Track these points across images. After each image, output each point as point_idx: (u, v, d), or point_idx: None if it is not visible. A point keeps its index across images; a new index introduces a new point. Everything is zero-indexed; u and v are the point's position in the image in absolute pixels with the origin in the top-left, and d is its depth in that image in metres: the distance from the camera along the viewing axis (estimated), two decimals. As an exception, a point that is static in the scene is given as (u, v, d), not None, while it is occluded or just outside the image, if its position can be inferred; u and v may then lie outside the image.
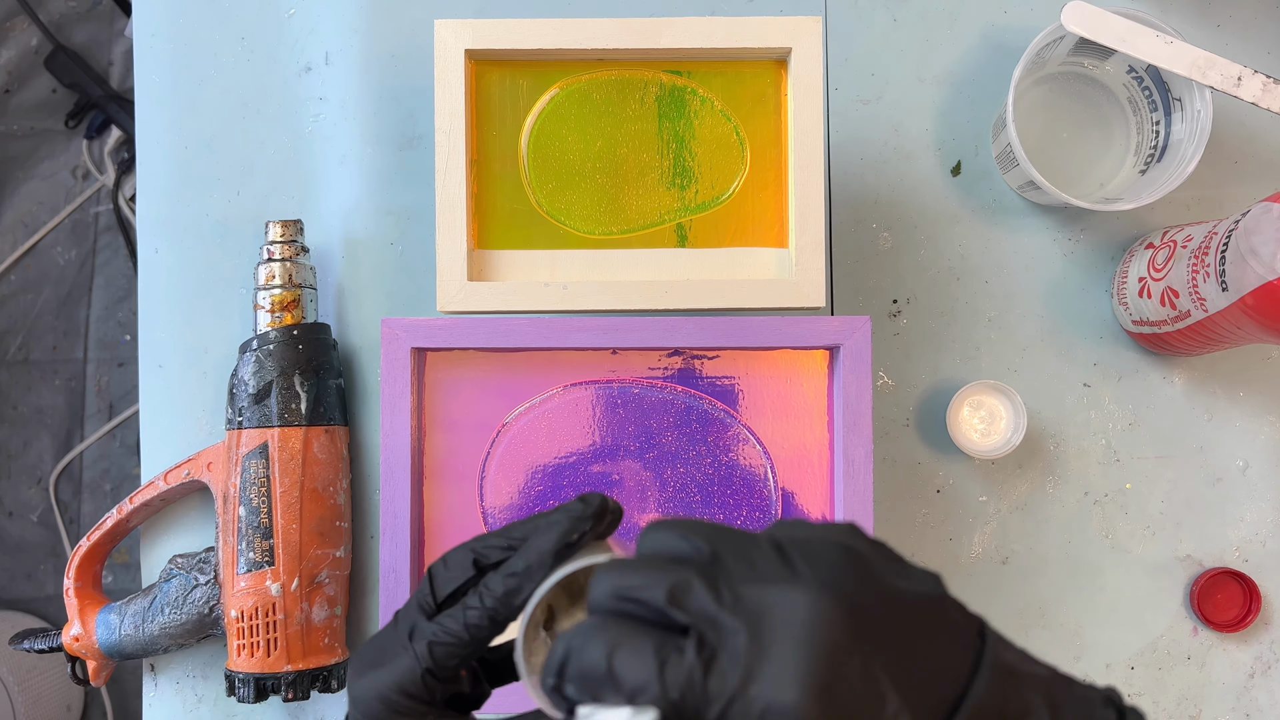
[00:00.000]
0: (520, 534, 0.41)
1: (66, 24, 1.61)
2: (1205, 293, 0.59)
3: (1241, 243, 0.55)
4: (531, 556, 0.40)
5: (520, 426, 0.61)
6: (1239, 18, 0.72)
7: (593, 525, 0.40)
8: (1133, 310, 0.68)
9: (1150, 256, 0.66)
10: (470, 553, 0.42)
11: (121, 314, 1.59)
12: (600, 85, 0.61)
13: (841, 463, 0.59)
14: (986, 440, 0.68)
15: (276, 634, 0.64)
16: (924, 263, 0.72)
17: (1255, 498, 0.71)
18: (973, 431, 0.68)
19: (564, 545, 0.40)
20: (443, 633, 0.40)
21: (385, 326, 0.59)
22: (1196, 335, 0.63)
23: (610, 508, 0.41)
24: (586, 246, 0.61)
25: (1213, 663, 0.70)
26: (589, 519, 0.40)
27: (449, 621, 0.40)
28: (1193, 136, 0.65)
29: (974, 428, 0.68)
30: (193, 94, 0.73)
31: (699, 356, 0.61)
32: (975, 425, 0.68)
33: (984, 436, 0.68)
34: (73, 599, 0.68)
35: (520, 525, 0.42)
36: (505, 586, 0.40)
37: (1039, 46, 0.65)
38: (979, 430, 0.68)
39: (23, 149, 1.61)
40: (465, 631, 0.40)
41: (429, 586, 0.42)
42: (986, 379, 0.69)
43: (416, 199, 0.72)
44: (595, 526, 0.40)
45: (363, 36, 0.72)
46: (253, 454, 0.65)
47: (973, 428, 0.68)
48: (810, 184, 0.60)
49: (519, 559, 0.40)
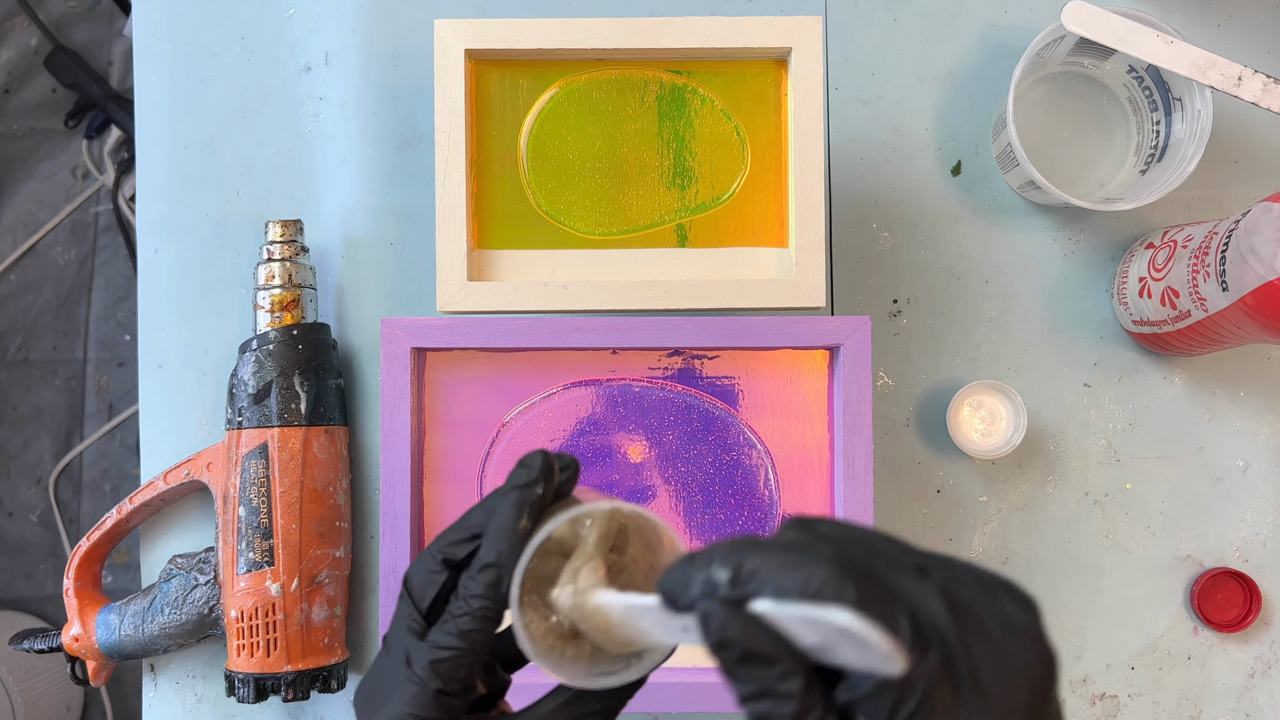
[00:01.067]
0: (477, 521, 0.40)
1: (66, 24, 1.61)
2: (1205, 292, 0.59)
3: (1241, 243, 0.55)
4: (500, 541, 0.38)
5: (520, 425, 0.61)
6: (1239, 18, 0.72)
7: (545, 485, 0.39)
8: (1133, 310, 0.68)
9: (1151, 256, 0.66)
10: (437, 556, 0.40)
11: (121, 314, 1.59)
12: (600, 84, 0.61)
13: (841, 463, 0.59)
14: (987, 440, 0.68)
15: (276, 634, 0.64)
16: (924, 263, 0.72)
17: (1255, 498, 0.71)
18: (973, 431, 0.68)
19: (526, 516, 0.38)
20: (440, 649, 0.39)
21: (385, 326, 0.59)
22: (1197, 335, 0.63)
23: (559, 463, 0.40)
24: (586, 246, 0.61)
25: (1213, 663, 0.70)
26: (537, 483, 0.39)
27: (442, 636, 0.39)
28: (1193, 136, 0.65)
29: (974, 428, 0.68)
30: (193, 94, 0.73)
31: (699, 356, 0.61)
32: (975, 425, 0.68)
33: (984, 436, 0.68)
34: (72, 599, 0.68)
35: (475, 512, 0.40)
36: (485, 581, 0.38)
37: (1039, 46, 0.65)
38: (979, 430, 0.68)
39: (23, 149, 1.61)
40: (462, 641, 0.39)
41: (409, 603, 0.41)
42: (986, 379, 0.69)
43: (416, 199, 0.72)
44: (548, 485, 0.39)
45: (362, 36, 0.72)
46: (252, 454, 0.65)
47: (973, 428, 0.68)
48: (810, 184, 0.60)
49: (488, 547, 0.38)
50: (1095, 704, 0.70)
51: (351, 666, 0.70)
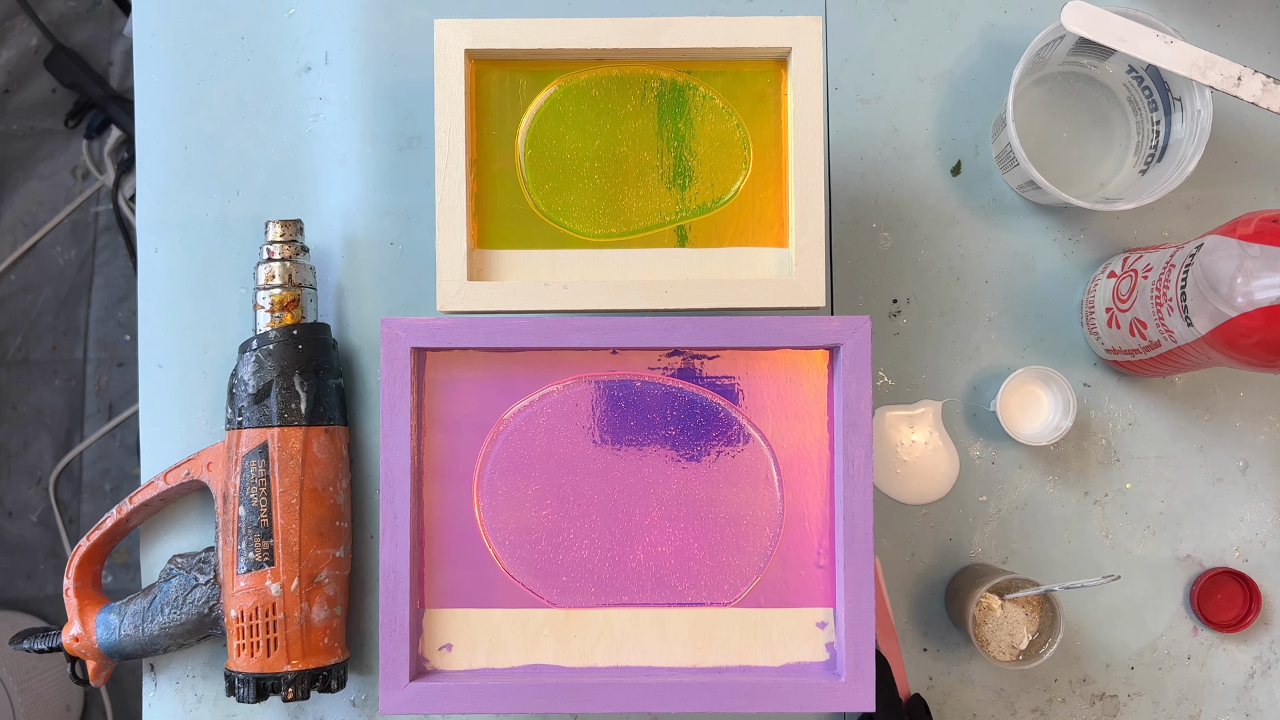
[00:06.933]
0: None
1: (66, 24, 1.61)
2: (1171, 325, 0.58)
3: (1199, 278, 0.55)
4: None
5: (520, 424, 0.61)
6: (1239, 18, 0.73)
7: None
8: (1104, 339, 0.68)
9: (1114, 287, 0.65)
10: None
11: (121, 314, 1.59)
12: (599, 82, 0.61)
13: (841, 463, 0.59)
14: (1035, 423, 0.69)
15: (276, 634, 0.64)
16: (924, 263, 0.72)
17: (1255, 498, 0.71)
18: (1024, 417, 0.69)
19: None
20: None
21: (385, 326, 0.59)
22: (1171, 362, 0.62)
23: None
24: (586, 246, 0.61)
25: (1213, 663, 0.70)
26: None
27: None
28: (1193, 136, 0.65)
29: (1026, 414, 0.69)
30: (193, 94, 0.73)
31: (699, 356, 0.61)
32: (1027, 411, 0.69)
33: (1033, 420, 0.69)
34: (72, 599, 0.68)
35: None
36: None
37: (1039, 46, 0.65)
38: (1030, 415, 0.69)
39: (23, 149, 1.61)
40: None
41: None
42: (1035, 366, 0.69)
43: (416, 199, 0.72)
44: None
45: (362, 36, 0.72)
46: (252, 454, 0.65)
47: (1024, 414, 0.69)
48: (810, 184, 0.60)
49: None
50: (1095, 704, 0.70)
51: (351, 666, 0.70)
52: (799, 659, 0.60)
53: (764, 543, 0.61)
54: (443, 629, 0.60)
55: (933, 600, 0.70)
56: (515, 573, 0.61)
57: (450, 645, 0.61)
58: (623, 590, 0.61)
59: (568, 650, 0.61)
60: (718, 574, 0.61)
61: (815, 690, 0.58)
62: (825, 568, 0.61)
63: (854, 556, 0.58)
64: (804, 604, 0.61)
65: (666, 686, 0.58)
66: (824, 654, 0.60)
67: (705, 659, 0.60)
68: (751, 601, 0.61)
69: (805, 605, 0.61)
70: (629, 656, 0.61)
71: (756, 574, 0.61)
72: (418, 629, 0.60)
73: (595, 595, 0.61)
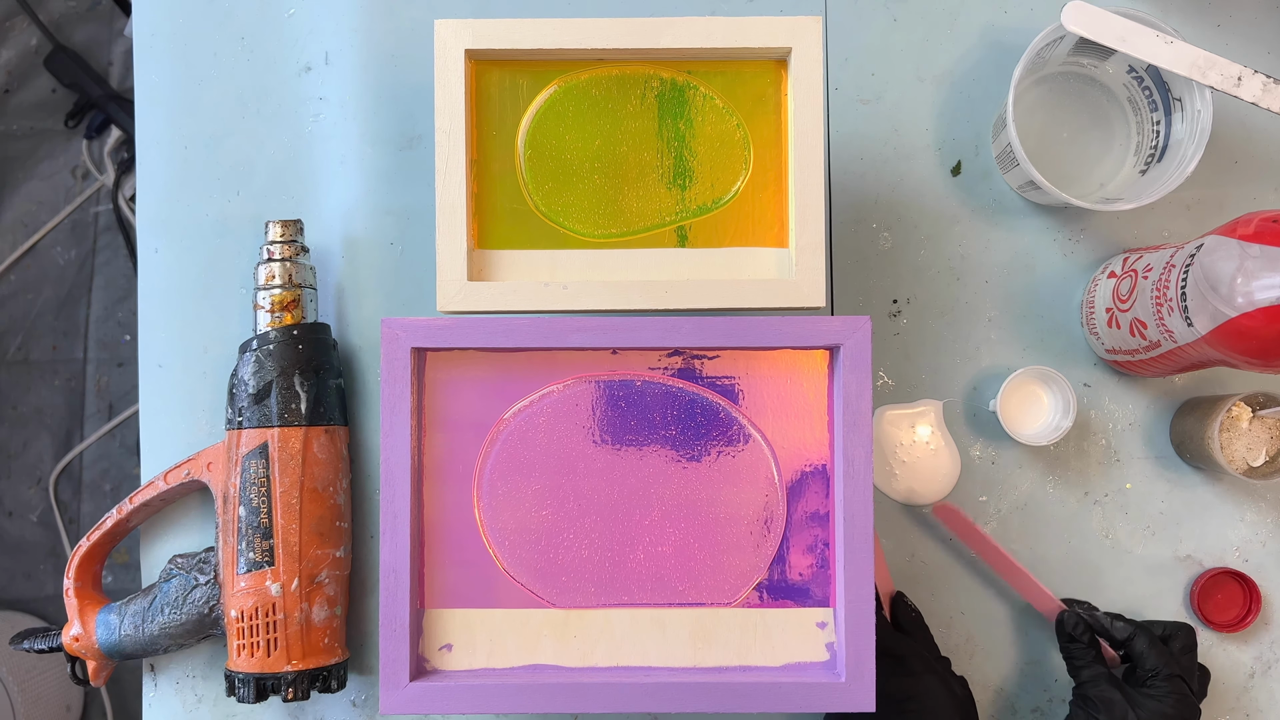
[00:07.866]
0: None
1: (66, 24, 1.61)
2: (1171, 325, 0.58)
3: (1199, 278, 0.55)
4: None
5: (520, 424, 0.61)
6: (1239, 18, 0.73)
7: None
8: (1104, 340, 0.68)
9: (1114, 287, 0.65)
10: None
11: (121, 314, 1.59)
12: (599, 82, 0.61)
13: (841, 463, 0.59)
14: (1035, 424, 0.69)
15: (276, 634, 0.64)
16: (924, 263, 0.72)
17: (1255, 498, 0.71)
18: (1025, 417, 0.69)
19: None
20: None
21: (385, 326, 0.59)
22: (1171, 362, 0.62)
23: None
24: (586, 246, 0.61)
25: (1213, 663, 0.70)
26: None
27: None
28: (1193, 136, 0.65)
29: (1026, 414, 0.69)
30: (193, 94, 0.73)
31: (699, 356, 0.61)
32: (1028, 412, 0.69)
33: (1033, 420, 0.69)
34: (73, 599, 0.68)
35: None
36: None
37: (1039, 46, 0.65)
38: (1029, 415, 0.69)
39: (23, 149, 1.61)
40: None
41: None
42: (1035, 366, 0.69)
43: (416, 199, 0.72)
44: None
45: (362, 36, 0.72)
46: (253, 454, 0.65)
47: (1025, 414, 0.69)
48: (810, 184, 0.60)
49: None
50: (1095, 704, 0.70)
51: (351, 666, 0.70)
52: (799, 659, 0.60)
53: (764, 543, 0.61)
54: (443, 629, 0.60)
55: (933, 600, 0.70)
56: (515, 573, 0.61)
57: (450, 645, 0.61)
58: (623, 590, 0.61)
59: (568, 650, 0.61)
60: (718, 574, 0.61)
61: (815, 690, 0.58)
62: (825, 568, 0.61)
63: (854, 556, 0.58)
64: (804, 604, 0.61)
65: (666, 686, 0.58)
66: (824, 654, 0.60)
67: (705, 659, 0.60)
68: (751, 601, 0.61)
69: (805, 605, 0.61)
70: (629, 656, 0.61)
71: (757, 574, 0.61)
72: (418, 629, 0.60)
73: (595, 595, 0.61)
